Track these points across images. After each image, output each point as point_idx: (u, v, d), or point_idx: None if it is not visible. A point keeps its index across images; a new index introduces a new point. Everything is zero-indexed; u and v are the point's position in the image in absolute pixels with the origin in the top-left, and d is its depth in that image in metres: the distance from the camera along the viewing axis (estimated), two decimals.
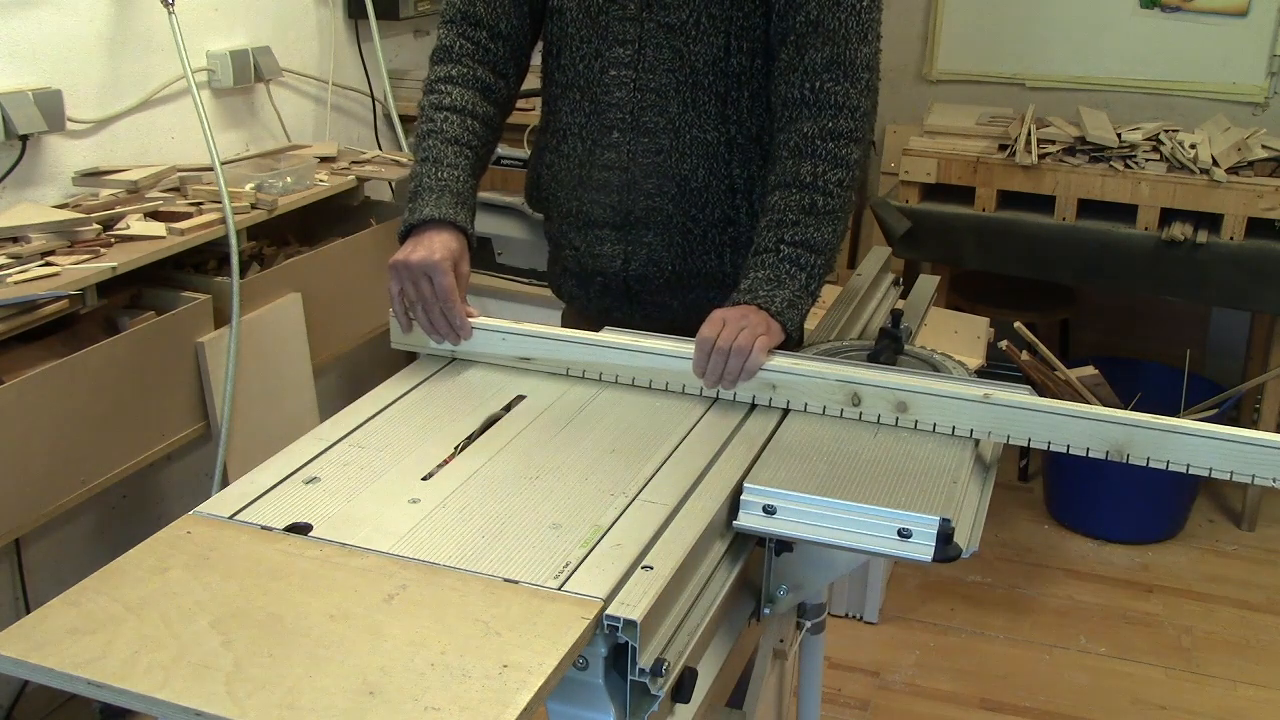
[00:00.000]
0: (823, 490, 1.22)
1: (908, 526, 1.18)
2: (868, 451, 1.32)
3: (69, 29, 2.24)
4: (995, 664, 2.68)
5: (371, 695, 0.91)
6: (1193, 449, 1.27)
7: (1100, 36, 3.60)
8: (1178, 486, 3.21)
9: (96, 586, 1.04)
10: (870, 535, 1.20)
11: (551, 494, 1.22)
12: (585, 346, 1.49)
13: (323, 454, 1.29)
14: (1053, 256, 3.11)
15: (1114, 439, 1.30)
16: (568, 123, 1.68)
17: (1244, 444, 1.25)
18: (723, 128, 1.61)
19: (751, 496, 1.23)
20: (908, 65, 3.85)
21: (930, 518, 1.18)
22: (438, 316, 1.51)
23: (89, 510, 2.31)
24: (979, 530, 1.23)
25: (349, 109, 3.10)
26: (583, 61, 1.64)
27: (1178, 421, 1.27)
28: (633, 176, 1.64)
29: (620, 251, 1.68)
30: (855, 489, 1.23)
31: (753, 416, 1.41)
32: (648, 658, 1.03)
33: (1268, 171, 3.02)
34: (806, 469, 1.27)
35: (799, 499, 1.22)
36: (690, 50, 1.58)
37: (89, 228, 2.04)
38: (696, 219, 1.65)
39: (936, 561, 1.18)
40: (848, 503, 1.20)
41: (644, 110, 1.62)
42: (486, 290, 2.98)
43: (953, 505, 1.20)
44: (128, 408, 2.01)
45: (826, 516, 1.21)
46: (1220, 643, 2.78)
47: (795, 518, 1.22)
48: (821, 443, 1.34)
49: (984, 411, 1.33)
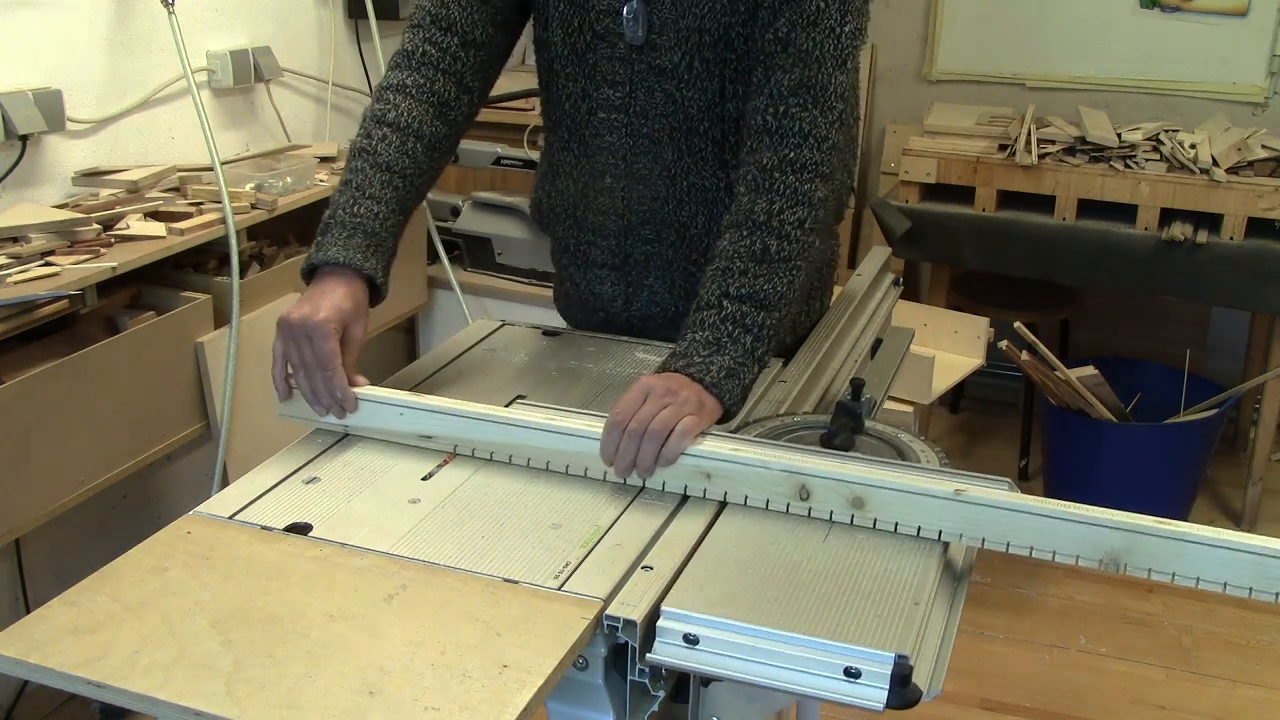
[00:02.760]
0: (756, 617, 1.02)
1: (856, 665, 0.98)
2: (814, 560, 1.11)
3: (69, 29, 2.24)
4: (995, 664, 2.68)
5: (371, 695, 0.91)
6: (1201, 561, 1.06)
7: (1100, 36, 3.60)
8: (1178, 486, 3.21)
9: (96, 586, 1.04)
10: (810, 674, 0.99)
11: (551, 494, 1.21)
12: (494, 425, 1.26)
13: (323, 454, 1.29)
14: (1053, 256, 3.11)
15: (1109, 546, 1.08)
16: (560, 160, 1.59)
17: (1262, 555, 1.04)
18: (720, 173, 1.50)
19: (670, 623, 1.02)
20: (908, 65, 3.85)
21: (884, 654, 0.98)
22: (318, 384, 1.30)
23: (89, 510, 2.31)
24: (943, 667, 1.04)
25: (349, 109, 3.10)
26: (569, 100, 1.53)
27: (1186, 528, 1.06)
28: (629, 223, 1.55)
29: (621, 293, 1.60)
30: (796, 614, 1.02)
31: (682, 512, 1.19)
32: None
33: (1268, 171, 3.02)
34: (738, 586, 1.07)
35: (726, 626, 1.01)
36: (684, 95, 1.46)
37: (89, 228, 2.04)
38: (698, 262, 1.51)
39: (890, 708, 0.98)
40: (785, 634, 1.00)
41: (637, 156, 1.51)
42: (486, 290, 2.98)
43: (911, 635, 1.01)
44: (128, 408, 2.01)
45: (759, 651, 1.00)
46: (1220, 643, 2.78)
47: (721, 649, 1.01)
48: (760, 548, 1.13)
49: (954, 510, 1.12)
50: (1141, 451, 3.15)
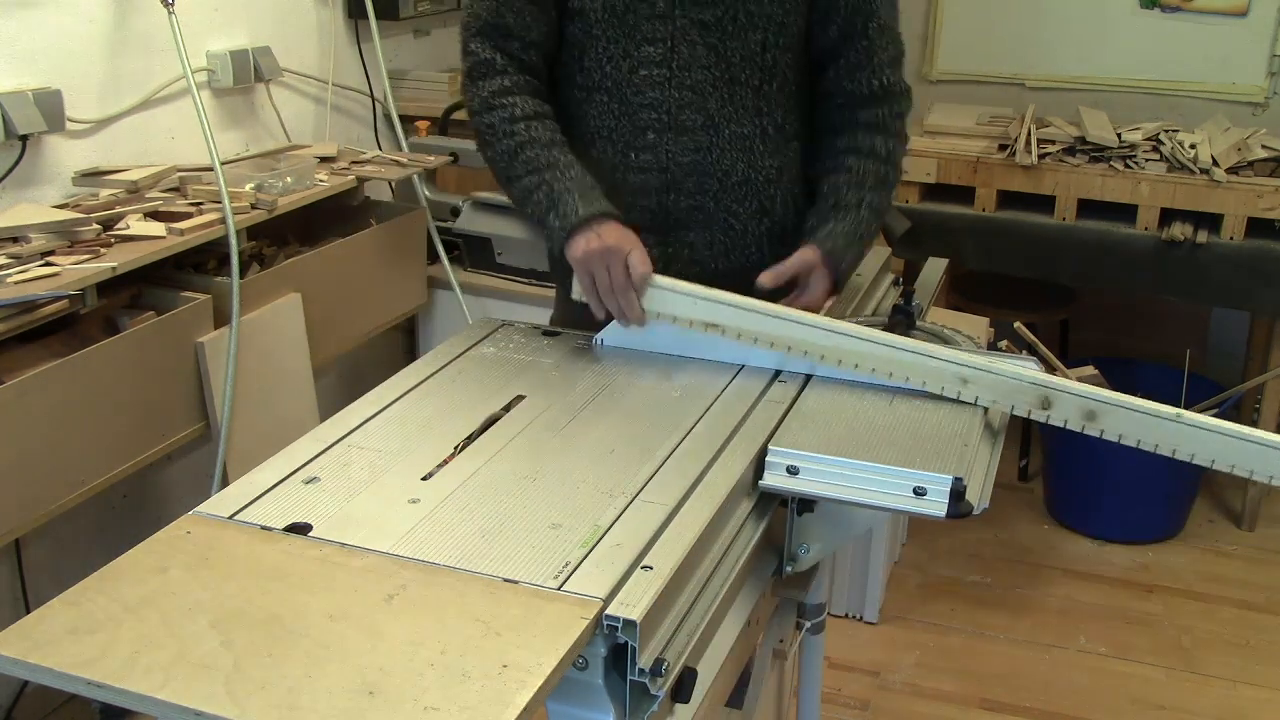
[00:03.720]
0: (843, 452, 1.30)
1: (923, 485, 1.26)
2: (884, 418, 1.39)
3: (69, 29, 2.24)
4: (995, 664, 2.68)
5: (371, 695, 0.91)
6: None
7: (1100, 36, 3.60)
8: (1178, 486, 3.21)
9: (96, 586, 1.04)
10: (888, 493, 1.27)
11: (551, 494, 1.22)
12: (773, 320, 1.51)
13: (322, 454, 1.29)
14: (1053, 256, 3.11)
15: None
16: (596, 126, 1.66)
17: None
18: (756, 120, 1.64)
19: (776, 458, 1.31)
20: (908, 65, 3.82)
21: (944, 477, 1.25)
22: (630, 299, 1.52)
23: (89, 510, 2.30)
24: (989, 489, 1.31)
25: (349, 109, 3.10)
26: (610, 63, 1.62)
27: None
28: (672, 177, 1.64)
29: (660, 255, 1.65)
30: (873, 451, 1.30)
31: (775, 384, 1.49)
32: (647, 658, 1.03)
33: (1268, 171, 3.02)
34: (827, 433, 1.35)
35: (821, 460, 1.30)
36: (727, 46, 1.59)
37: (89, 228, 2.04)
38: (736, 213, 1.67)
39: (950, 518, 1.25)
40: (867, 463, 1.28)
41: (681, 109, 1.62)
42: (486, 290, 2.98)
43: (964, 466, 1.27)
44: (128, 408, 2.01)
45: (847, 476, 1.29)
46: (1220, 643, 2.78)
47: (817, 478, 1.30)
48: (841, 410, 1.41)
49: (1176, 430, 1.36)
50: (1142, 452, 3.13)
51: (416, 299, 2.93)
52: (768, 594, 1.44)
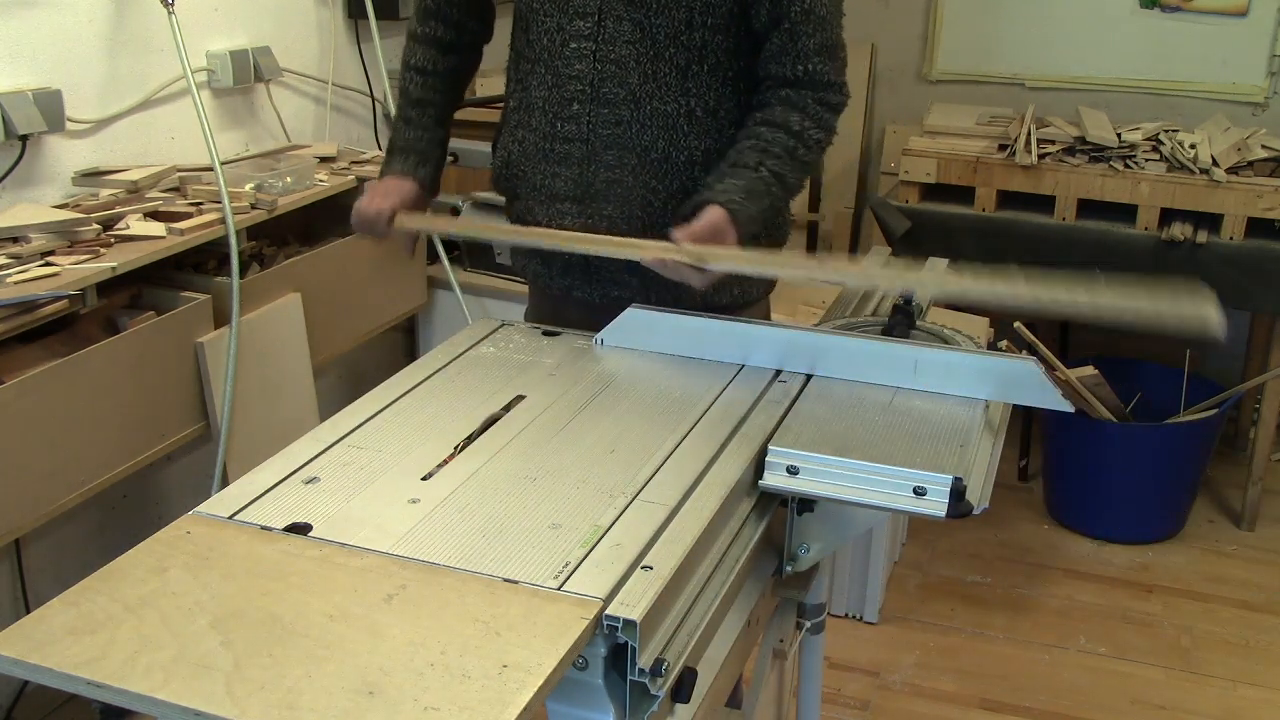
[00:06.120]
0: (843, 452, 1.31)
1: (923, 485, 1.27)
2: (883, 417, 1.40)
3: (69, 29, 2.24)
4: (995, 664, 2.68)
5: (371, 695, 0.91)
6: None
7: (1100, 36, 3.60)
8: (1178, 486, 3.21)
9: (96, 586, 1.04)
10: (888, 493, 1.28)
11: (551, 494, 1.22)
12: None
13: (322, 454, 1.29)
14: (1053, 256, 3.11)
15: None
16: (535, 97, 1.71)
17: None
18: (682, 100, 1.64)
19: (776, 458, 1.32)
20: (908, 65, 3.85)
21: (944, 477, 1.26)
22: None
23: (89, 510, 2.30)
24: (989, 489, 1.31)
25: (349, 109, 3.10)
26: (546, 35, 1.67)
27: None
28: (593, 148, 1.67)
29: (581, 225, 1.69)
30: (873, 451, 1.31)
31: (775, 384, 1.51)
32: (647, 658, 1.03)
33: (1267, 171, 3.02)
34: (827, 432, 1.36)
35: (821, 460, 1.31)
36: (651, 23, 1.61)
37: (89, 228, 2.04)
38: (656, 190, 1.67)
39: (950, 518, 1.25)
40: (867, 463, 1.29)
41: (604, 81, 1.64)
42: (486, 290, 2.98)
43: (964, 465, 1.28)
44: (128, 408, 2.01)
45: (847, 476, 1.30)
46: (1220, 643, 2.78)
47: (817, 477, 1.31)
48: (841, 409, 1.43)
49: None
50: (1141, 452, 3.15)
51: (416, 299, 2.93)
52: (768, 594, 1.45)
